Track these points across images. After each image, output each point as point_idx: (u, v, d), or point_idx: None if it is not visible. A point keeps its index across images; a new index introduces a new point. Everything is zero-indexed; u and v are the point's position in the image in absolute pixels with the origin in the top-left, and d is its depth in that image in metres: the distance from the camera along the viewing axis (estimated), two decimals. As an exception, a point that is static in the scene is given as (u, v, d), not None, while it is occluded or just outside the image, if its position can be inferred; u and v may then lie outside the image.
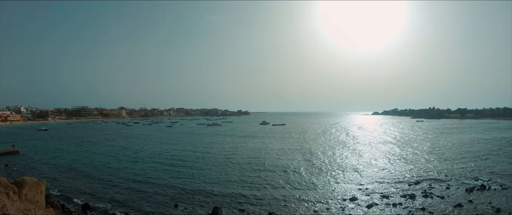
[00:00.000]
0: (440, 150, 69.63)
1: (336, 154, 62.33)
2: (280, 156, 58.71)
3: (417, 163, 52.21)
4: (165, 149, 70.11)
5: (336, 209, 28.91)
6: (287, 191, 34.92)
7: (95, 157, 59.55)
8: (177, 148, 71.96)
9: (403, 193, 33.80)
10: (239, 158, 57.04)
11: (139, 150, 67.51)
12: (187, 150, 67.79)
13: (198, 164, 51.00)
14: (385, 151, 68.39)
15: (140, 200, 31.67)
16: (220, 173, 43.58)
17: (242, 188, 36.04)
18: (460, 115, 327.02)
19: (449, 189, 35.79)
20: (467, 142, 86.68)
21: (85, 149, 70.84)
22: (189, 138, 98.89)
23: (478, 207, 29.22)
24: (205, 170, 45.64)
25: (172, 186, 36.73)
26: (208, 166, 49.00)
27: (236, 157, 58.25)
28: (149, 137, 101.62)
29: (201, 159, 55.96)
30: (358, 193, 34.00)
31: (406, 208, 28.91)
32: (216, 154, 60.88)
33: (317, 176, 42.13)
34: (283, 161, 53.75)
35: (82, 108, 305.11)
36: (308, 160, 54.73)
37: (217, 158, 56.54)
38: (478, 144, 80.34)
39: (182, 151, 65.75)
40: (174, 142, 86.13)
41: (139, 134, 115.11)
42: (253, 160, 54.37)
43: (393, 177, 41.73)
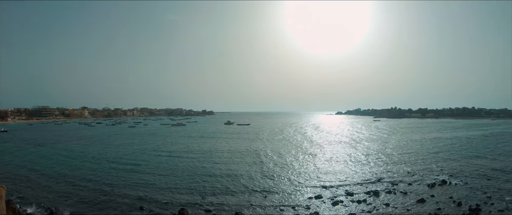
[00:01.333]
0: (400, 148, 72.91)
1: (299, 154, 63.45)
2: (245, 157, 58.72)
3: (379, 161, 54.29)
4: (128, 150, 67.79)
5: (302, 207, 29.28)
6: (252, 191, 34.93)
7: (57, 159, 56.58)
8: (140, 149, 69.84)
9: (367, 190, 34.88)
10: (204, 159, 56.37)
11: (102, 152, 64.81)
12: (151, 151, 66.04)
13: (162, 165, 49.77)
14: (345, 149, 70.57)
15: (104, 203, 30.66)
16: (185, 175, 42.80)
17: (207, 189, 35.67)
18: (421, 115, 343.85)
19: (411, 185, 37.37)
20: (426, 140, 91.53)
21: (47, 151, 67.11)
22: (153, 139, 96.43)
23: (440, 201, 30.70)
24: (170, 172, 44.63)
25: (136, 188, 35.63)
26: (173, 168, 47.99)
27: (201, 158, 57.49)
28: (112, 138, 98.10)
29: (165, 160, 54.71)
30: (322, 191, 34.66)
31: (370, 204, 29.87)
32: (180, 156, 59.68)
33: (282, 176, 42.52)
34: (248, 161, 53.81)
35: (43, 108, 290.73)
36: (272, 160, 55.11)
37: (181, 160, 55.53)
38: (437, 142, 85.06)
39: (145, 153, 63.92)
40: (137, 143, 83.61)
41: (101, 135, 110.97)
42: (218, 161, 53.97)
43: (356, 175, 43.03)
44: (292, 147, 73.21)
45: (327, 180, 40.16)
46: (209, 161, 53.54)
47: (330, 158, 57.33)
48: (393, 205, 29.52)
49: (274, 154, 61.98)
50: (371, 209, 28.57)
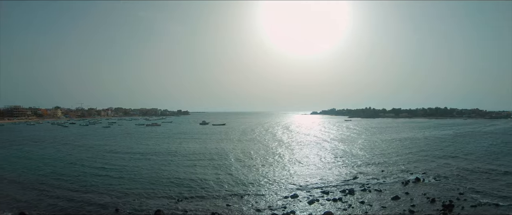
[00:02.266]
0: (372, 147, 74.93)
1: (273, 154, 63.97)
2: (220, 158, 58.49)
3: (353, 160, 55.54)
4: (102, 152, 65.67)
5: (278, 207, 29.53)
6: (229, 192, 34.92)
7: (28, 162, 53.96)
8: (114, 151, 67.90)
9: (342, 188, 35.62)
10: (180, 159, 55.84)
11: (75, 154, 62.64)
12: (125, 153, 64.35)
13: (136, 167, 48.50)
14: (318, 149, 71.85)
15: (79, 206, 29.82)
16: (161, 176, 42.07)
17: (183, 190, 35.40)
18: (394, 115, 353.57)
19: (385, 183, 38.55)
20: (399, 139, 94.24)
21: (17, 153, 63.96)
22: (127, 140, 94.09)
23: (414, 198, 31.78)
24: (145, 174, 43.58)
25: (110, 191, 34.67)
26: (148, 169, 47.15)
27: (176, 158, 56.89)
28: (86, 139, 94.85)
29: (139, 162, 53.46)
30: (298, 190, 35.10)
31: (346, 202, 30.53)
32: (155, 157, 58.52)
33: (257, 176, 42.76)
34: (224, 162, 53.65)
35: (15, 108, 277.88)
36: (247, 161, 55.26)
37: (157, 160, 54.66)
38: (410, 141, 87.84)
39: (119, 154, 62.22)
40: (111, 144, 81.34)
41: (75, 136, 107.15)
42: (193, 162, 53.62)
43: (330, 174, 43.90)
44: (266, 147, 73.60)
45: (303, 179, 40.70)
46: (185, 163, 53.00)
47: (304, 158, 58.18)
48: (368, 203, 30.27)
49: (249, 155, 62.12)
50: (347, 207, 29.18)
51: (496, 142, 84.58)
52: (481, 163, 51.22)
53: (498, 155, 60.15)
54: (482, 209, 28.31)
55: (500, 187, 36.13)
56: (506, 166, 48.45)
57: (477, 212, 27.41)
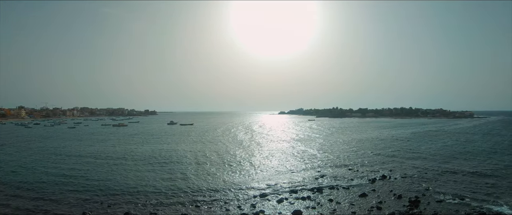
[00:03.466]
0: (340, 146, 77.01)
1: (241, 153, 64.31)
2: (188, 158, 57.97)
3: (320, 159, 56.89)
4: (66, 154, 62.61)
5: (248, 206, 29.69)
6: (197, 192, 34.74)
7: None
8: (80, 152, 65.07)
9: (311, 187, 36.34)
10: (147, 161, 54.42)
11: (38, 157, 59.28)
12: (90, 155, 61.81)
13: (102, 170, 46.76)
14: (285, 148, 73.11)
15: (46, 210, 28.74)
16: (128, 178, 41.02)
17: (152, 192, 34.75)
18: (361, 115, 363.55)
19: (353, 180, 39.78)
20: (366, 138, 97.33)
21: None
22: (93, 141, 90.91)
23: (381, 195, 32.93)
24: (111, 176, 42.23)
25: (76, 195, 33.27)
26: (114, 172, 45.53)
27: (144, 160, 55.33)
28: (50, 141, 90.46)
29: (105, 164, 51.66)
30: (267, 190, 35.42)
31: (314, 200, 31.12)
32: (122, 159, 56.81)
33: (226, 176, 42.87)
34: (192, 162, 53.35)
35: None
36: (215, 161, 55.23)
37: (123, 163, 52.88)
38: (376, 140, 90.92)
39: (85, 156, 59.62)
40: (76, 145, 78.09)
41: (38, 137, 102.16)
42: (161, 163, 52.69)
43: (298, 173, 44.72)
44: (232, 148, 73.70)
45: (271, 179, 41.14)
46: (153, 164, 52.12)
47: (270, 157, 58.85)
48: (336, 201, 31.01)
49: (217, 155, 62.12)
50: (315, 205, 29.75)
51: (459, 140, 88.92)
52: (445, 161, 53.75)
53: (461, 153, 63.31)
54: (447, 205, 29.68)
55: (464, 183, 38.13)
56: (469, 164, 51.28)
57: (442, 208, 28.67)
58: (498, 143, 79.93)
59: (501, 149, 67.33)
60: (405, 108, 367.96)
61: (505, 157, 56.33)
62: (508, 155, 59.37)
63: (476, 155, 59.20)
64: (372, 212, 27.88)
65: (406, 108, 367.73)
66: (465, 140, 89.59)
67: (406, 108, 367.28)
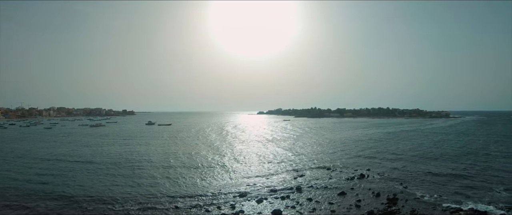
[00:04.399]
0: (317, 146, 78.24)
1: (219, 154, 64.33)
2: (167, 159, 57.49)
3: (298, 159, 57.63)
4: (41, 157, 60.58)
5: (227, 207, 29.90)
6: (177, 193, 34.62)
7: None
8: (55, 155, 62.85)
9: (290, 186, 36.95)
10: (125, 163, 53.23)
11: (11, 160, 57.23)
12: (67, 157, 59.78)
13: (78, 173, 45.20)
14: (263, 149, 73.53)
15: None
16: (105, 181, 40.25)
17: (130, 194, 34.34)
18: (339, 115, 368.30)
19: (332, 179, 40.69)
20: (343, 137, 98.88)
21: None
22: (70, 142, 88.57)
23: (360, 193, 33.80)
24: (88, 179, 41.05)
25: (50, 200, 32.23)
26: (91, 174, 44.24)
27: (121, 162, 53.91)
28: (25, 142, 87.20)
29: (82, 166, 50.32)
30: (246, 189, 35.73)
31: (294, 200, 31.63)
32: (99, 161, 55.10)
33: (205, 176, 42.94)
34: (171, 163, 52.93)
35: None
36: (194, 161, 54.98)
37: (100, 165, 51.28)
38: (354, 140, 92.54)
39: (61, 159, 57.82)
40: (52, 147, 75.91)
41: (14, 139, 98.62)
42: (138, 164, 51.96)
43: (277, 173, 45.19)
44: (210, 148, 73.62)
45: (250, 178, 41.54)
46: (130, 165, 51.13)
47: (248, 158, 59.10)
48: (316, 200, 31.61)
49: (196, 155, 61.95)
50: (295, 204, 30.22)
51: (434, 140, 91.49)
52: (421, 160, 55.37)
53: (436, 153, 65.37)
54: (424, 202, 30.66)
55: (440, 182, 39.44)
56: (444, 164, 53.17)
57: (419, 205, 29.64)
58: (471, 143, 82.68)
59: (475, 150, 69.56)
60: (382, 108, 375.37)
61: (478, 158, 58.35)
62: (482, 155, 61.56)
63: (451, 155, 61.22)
64: (351, 210, 28.56)
65: (383, 108, 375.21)
66: (440, 140, 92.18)
67: (384, 108, 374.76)
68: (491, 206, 29.37)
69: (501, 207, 28.98)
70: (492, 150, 67.31)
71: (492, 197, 32.38)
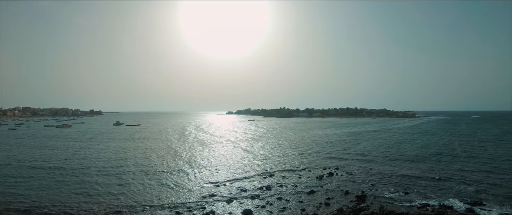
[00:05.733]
0: (286, 145, 79.17)
1: (188, 154, 63.96)
2: (135, 160, 56.41)
3: (267, 158, 58.32)
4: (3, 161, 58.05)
5: (197, 207, 29.82)
6: (146, 194, 34.20)
7: None
8: (18, 158, 59.81)
9: (260, 186, 37.21)
10: (92, 165, 51.59)
11: None
12: (30, 160, 57.20)
13: (43, 177, 43.25)
14: (231, 149, 73.82)
15: None
16: (73, 183, 39.09)
17: (99, 196, 33.64)
18: (307, 115, 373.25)
19: (301, 178, 41.35)
20: (311, 137, 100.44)
21: None
22: (35, 143, 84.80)
23: (328, 191, 34.56)
24: (54, 184, 39.27)
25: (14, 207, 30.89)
26: (56, 179, 42.21)
27: (89, 164, 52.25)
28: None
29: (47, 167, 48.83)
30: (216, 190, 35.73)
31: (264, 199, 31.92)
32: (64, 164, 52.82)
33: (174, 177, 42.55)
34: (139, 164, 52.09)
35: None
36: (163, 162, 54.45)
37: (67, 169, 48.99)
38: (322, 138, 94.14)
39: (23, 162, 55.29)
40: (15, 149, 72.68)
41: None
42: (107, 167, 50.33)
43: (247, 172, 45.49)
44: (180, 147, 72.96)
45: (219, 178, 41.48)
46: (98, 168, 49.65)
47: (217, 158, 59.06)
48: (285, 198, 32.00)
49: (164, 155, 61.37)
50: (265, 203, 30.48)
51: (400, 139, 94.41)
52: (387, 159, 57.12)
53: (404, 151, 67.65)
54: (392, 199, 31.74)
55: (407, 179, 40.89)
56: (411, 160, 55.09)
57: (387, 202, 30.58)
58: (435, 142, 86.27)
59: (439, 148, 72.78)
60: (350, 108, 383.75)
61: (442, 156, 60.91)
62: (446, 154, 64.51)
63: (416, 154, 63.59)
64: (320, 208, 29.09)
65: (351, 108, 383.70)
66: (406, 139, 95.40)
67: (352, 108, 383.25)
68: (456, 200, 30.86)
69: (466, 202, 30.47)
70: (456, 148, 70.17)
71: (457, 192, 33.94)
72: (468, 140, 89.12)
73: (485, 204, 29.81)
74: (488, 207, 29.15)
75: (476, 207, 28.83)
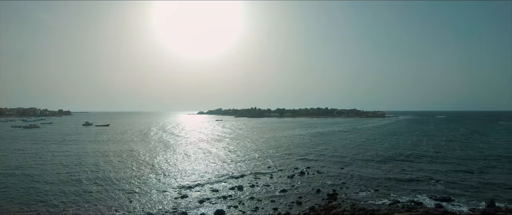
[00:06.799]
0: (255, 146, 79.45)
1: (159, 155, 62.94)
2: (103, 161, 54.76)
3: (238, 158, 58.41)
4: None
5: (169, 208, 29.52)
6: (116, 197, 33.35)
7: None
8: None
9: (232, 186, 37.27)
10: (60, 167, 49.64)
11: None
12: None
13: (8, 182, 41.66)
14: (203, 149, 73.46)
15: None
16: (39, 187, 37.59)
17: (66, 199, 32.57)
18: (279, 115, 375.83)
19: (272, 178, 41.65)
20: (281, 137, 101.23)
21: None
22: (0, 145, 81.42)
23: (300, 190, 35.11)
24: (21, 188, 37.49)
25: None
26: (25, 181, 40.88)
27: (56, 166, 50.37)
28: None
29: (12, 171, 46.89)
30: (187, 191, 35.51)
31: (236, 199, 32.00)
32: (31, 167, 51.00)
33: (144, 179, 41.81)
34: (109, 166, 50.65)
35: None
36: (132, 163, 53.13)
37: (33, 171, 47.51)
38: (292, 138, 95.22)
39: None
40: None
41: None
42: (74, 169, 48.53)
43: (218, 173, 45.35)
44: (150, 148, 71.72)
45: (191, 179, 41.15)
46: (65, 170, 47.86)
47: (187, 158, 58.68)
48: (257, 198, 32.20)
49: (133, 156, 60.11)
50: (237, 203, 30.59)
51: (373, 137, 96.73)
52: (359, 156, 58.42)
53: (373, 150, 69.43)
54: (363, 196, 32.52)
55: (378, 177, 41.90)
56: (380, 159, 56.60)
57: (359, 199, 31.20)
58: (403, 142, 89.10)
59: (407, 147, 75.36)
60: (321, 108, 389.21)
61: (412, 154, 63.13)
62: (414, 152, 66.80)
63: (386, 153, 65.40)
64: (293, 207, 29.36)
65: (322, 108, 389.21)
66: (375, 138, 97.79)
67: (322, 108, 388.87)
68: (426, 197, 31.94)
69: (436, 198, 31.67)
70: (424, 148, 72.33)
71: (427, 190, 35.06)
72: (436, 139, 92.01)
73: (454, 200, 31.11)
74: (457, 202, 30.39)
75: (445, 203, 29.94)
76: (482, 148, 70.13)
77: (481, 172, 44.08)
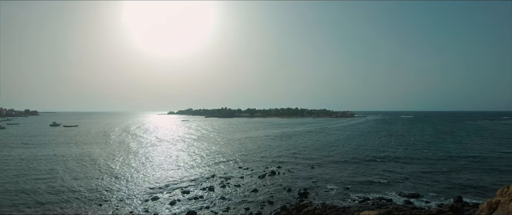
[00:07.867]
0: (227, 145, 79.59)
1: (127, 156, 61.66)
2: (72, 164, 53.12)
3: (208, 159, 58.28)
4: None
5: (140, 210, 29.15)
6: (86, 200, 32.55)
7: None
8: None
9: (202, 187, 37.24)
10: (27, 171, 47.79)
11: None
12: None
13: None
14: (172, 150, 72.97)
15: None
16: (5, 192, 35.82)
17: (34, 204, 31.44)
18: (249, 115, 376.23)
19: (243, 178, 41.89)
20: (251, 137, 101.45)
21: None
22: None
23: (271, 189, 35.52)
24: None
25: None
26: None
27: (24, 170, 48.23)
28: None
29: None
30: (158, 193, 35.16)
31: (207, 200, 32.00)
32: None
33: (114, 181, 40.98)
34: (77, 169, 49.10)
35: None
36: (102, 166, 51.82)
37: None
38: (262, 139, 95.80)
39: None
40: None
41: None
42: (42, 173, 46.75)
43: (188, 174, 45.16)
44: (119, 150, 70.15)
45: (160, 181, 40.72)
46: (33, 174, 45.96)
47: (155, 160, 57.86)
48: (228, 198, 32.35)
49: (103, 159, 58.59)
50: (209, 204, 30.59)
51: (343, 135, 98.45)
52: (327, 156, 59.57)
53: (343, 148, 71.04)
54: (334, 195, 33.23)
55: (347, 176, 42.92)
56: (351, 158, 57.82)
57: (329, 197, 31.83)
58: (372, 141, 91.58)
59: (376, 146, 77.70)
60: (291, 108, 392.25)
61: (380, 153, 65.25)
62: (383, 151, 68.94)
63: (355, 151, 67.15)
64: (264, 207, 29.60)
65: (292, 109, 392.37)
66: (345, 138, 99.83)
67: (293, 109, 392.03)
68: (395, 194, 33.13)
69: (404, 195, 32.87)
70: (392, 147, 74.23)
71: (396, 187, 36.31)
72: (402, 139, 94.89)
73: (422, 196, 32.32)
74: (425, 199, 31.62)
75: (414, 199, 31.02)
76: (449, 147, 72.77)
77: (448, 170, 45.85)
